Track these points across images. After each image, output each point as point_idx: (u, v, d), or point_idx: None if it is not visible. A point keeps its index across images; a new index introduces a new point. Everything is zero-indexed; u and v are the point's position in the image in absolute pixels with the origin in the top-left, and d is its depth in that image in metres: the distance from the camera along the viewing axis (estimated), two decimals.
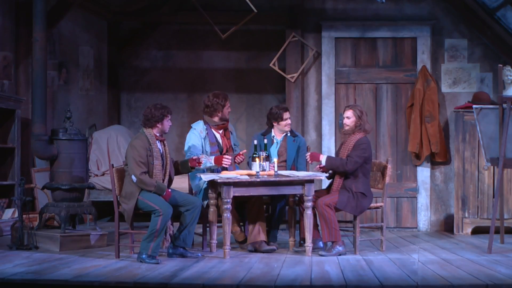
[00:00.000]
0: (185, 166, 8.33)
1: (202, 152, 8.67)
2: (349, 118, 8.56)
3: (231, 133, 8.99)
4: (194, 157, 8.26)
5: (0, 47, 10.23)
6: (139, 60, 13.11)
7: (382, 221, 8.96)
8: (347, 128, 8.57)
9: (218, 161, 8.52)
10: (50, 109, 11.01)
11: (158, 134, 8.11)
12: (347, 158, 8.40)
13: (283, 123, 9.04)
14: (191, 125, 8.93)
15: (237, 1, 11.20)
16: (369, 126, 8.59)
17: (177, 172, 8.39)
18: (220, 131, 8.86)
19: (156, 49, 13.08)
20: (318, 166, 8.61)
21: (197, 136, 8.72)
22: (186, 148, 8.76)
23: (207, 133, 8.76)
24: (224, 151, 8.82)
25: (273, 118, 9.07)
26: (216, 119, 8.82)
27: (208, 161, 8.55)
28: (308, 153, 8.69)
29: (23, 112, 10.22)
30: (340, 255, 8.32)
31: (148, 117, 8.09)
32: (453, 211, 10.95)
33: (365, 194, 8.46)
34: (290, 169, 8.92)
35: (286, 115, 9.04)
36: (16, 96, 10.23)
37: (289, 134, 9.09)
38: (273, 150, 9.01)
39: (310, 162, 8.74)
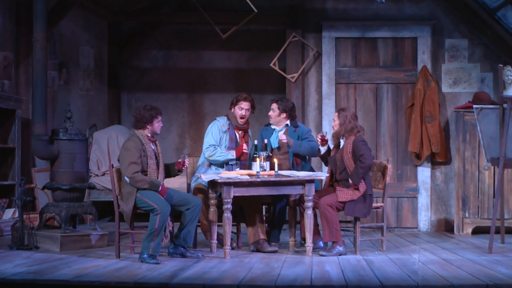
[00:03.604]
0: (172, 169, 8.35)
1: (218, 145, 8.73)
2: (334, 121, 8.62)
3: (250, 137, 9.06)
4: (179, 160, 8.27)
5: (1, 47, 10.23)
6: (139, 60, 13.11)
7: (382, 221, 8.96)
8: (334, 131, 8.61)
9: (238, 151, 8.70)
10: (51, 109, 11.01)
11: (149, 135, 8.12)
12: (358, 161, 8.37)
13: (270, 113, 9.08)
14: (216, 117, 9.00)
15: (238, 1, 11.20)
16: (351, 127, 8.47)
17: (167, 175, 8.39)
18: (240, 132, 8.90)
19: (156, 49, 13.09)
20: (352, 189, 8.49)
21: (218, 128, 8.81)
22: (205, 145, 8.74)
23: (228, 128, 8.82)
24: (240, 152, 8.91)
25: None
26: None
27: (230, 154, 8.64)
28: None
29: (24, 112, 10.22)
30: (340, 255, 8.31)
31: (138, 118, 8.09)
32: (454, 211, 10.95)
33: (371, 195, 8.48)
34: (293, 160, 8.90)
35: (272, 105, 9.02)
36: (16, 96, 10.23)
37: (289, 125, 9.05)
38: (273, 140, 9.00)
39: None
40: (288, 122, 9.02)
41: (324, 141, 8.69)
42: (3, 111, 9.89)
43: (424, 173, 11.27)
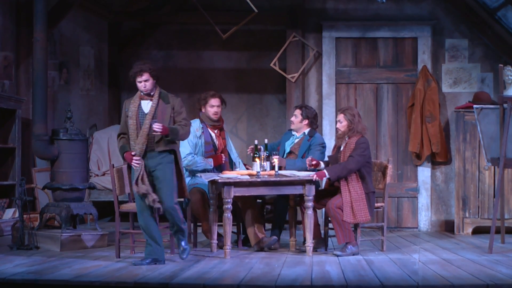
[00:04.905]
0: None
1: (194, 152, 8.68)
2: (341, 122, 8.53)
3: (226, 133, 9.05)
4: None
5: (1, 47, 10.23)
6: (139, 60, 13.07)
7: (382, 221, 8.97)
8: (339, 132, 8.56)
9: (217, 160, 8.61)
10: (51, 109, 11.01)
11: (142, 94, 7.88)
12: (348, 158, 8.36)
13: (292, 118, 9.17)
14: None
15: (238, 1, 11.20)
16: (362, 127, 8.51)
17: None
18: (216, 131, 8.88)
19: (156, 49, 13.08)
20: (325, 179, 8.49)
21: (192, 134, 8.70)
22: (182, 154, 8.44)
23: (202, 132, 8.78)
24: (219, 151, 8.86)
25: None
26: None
27: (208, 163, 8.62)
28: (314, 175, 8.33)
29: (24, 112, 10.22)
30: (353, 255, 8.31)
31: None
32: (454, 211, 10.95)
33: (373, 192, 8.48)
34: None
35: (296, 111, 9.08)
36: (16, 96, 10.23)
37: (306, 134, 9.03)
38: (287, 145, 9.04)
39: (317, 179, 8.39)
40: (307, 130, 9.01)
41: (312, 166, 8.57)
42: (3, 111, 9.89)
43: (424, 173, 11.27)
